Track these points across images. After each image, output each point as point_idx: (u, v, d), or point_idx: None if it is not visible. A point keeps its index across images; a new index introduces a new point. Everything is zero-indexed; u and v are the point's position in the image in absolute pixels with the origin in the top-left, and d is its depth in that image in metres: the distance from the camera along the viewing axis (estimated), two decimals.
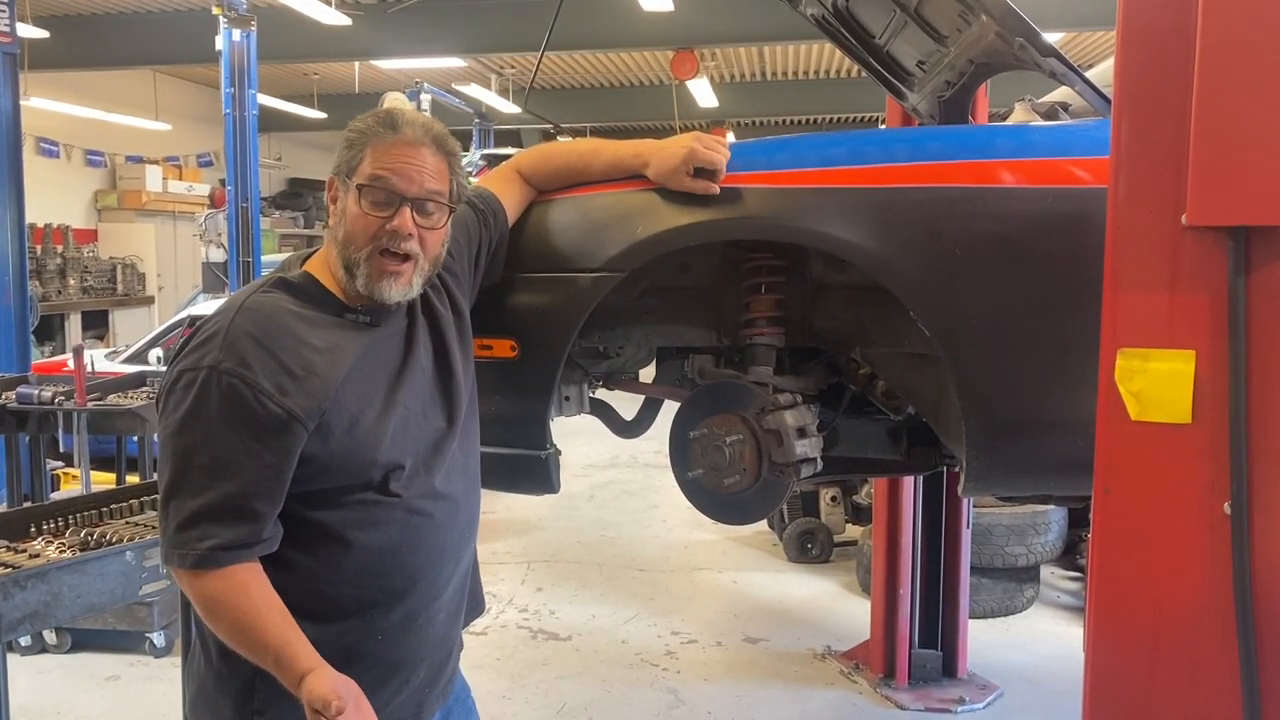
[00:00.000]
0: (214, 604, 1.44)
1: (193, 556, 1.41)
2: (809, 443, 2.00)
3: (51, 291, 10.96)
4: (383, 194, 1.52)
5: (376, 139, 1.53)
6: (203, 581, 1.43)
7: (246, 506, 1.42)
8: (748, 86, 15.78)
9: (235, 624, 1.43)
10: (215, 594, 1.43)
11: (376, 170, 1.52)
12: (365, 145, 1.54)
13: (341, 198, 1.56)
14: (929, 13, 2.42)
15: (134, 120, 12.95)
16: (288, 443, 1.44)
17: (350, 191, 1.54)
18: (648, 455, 7.58)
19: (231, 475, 1.42)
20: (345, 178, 1.55)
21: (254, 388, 1.41)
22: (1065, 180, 1.81)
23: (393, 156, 1.52)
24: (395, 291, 1.54)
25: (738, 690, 3.89)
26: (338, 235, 1.55)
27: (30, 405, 4.22)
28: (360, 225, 1.52)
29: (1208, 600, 1.35)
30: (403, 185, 1.52)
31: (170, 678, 3.86)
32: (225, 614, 1.44)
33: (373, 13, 10.31)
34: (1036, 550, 4.52)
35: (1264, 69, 1.27)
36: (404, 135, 1.54)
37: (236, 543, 1.42)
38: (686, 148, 1.85)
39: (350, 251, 1.53)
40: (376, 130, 1.54)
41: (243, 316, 1.47)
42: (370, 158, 1.53)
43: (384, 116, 1.56)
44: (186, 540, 1.42)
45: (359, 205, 1.52)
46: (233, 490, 1.42)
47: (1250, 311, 1.31)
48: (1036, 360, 1.81)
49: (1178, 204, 1.33)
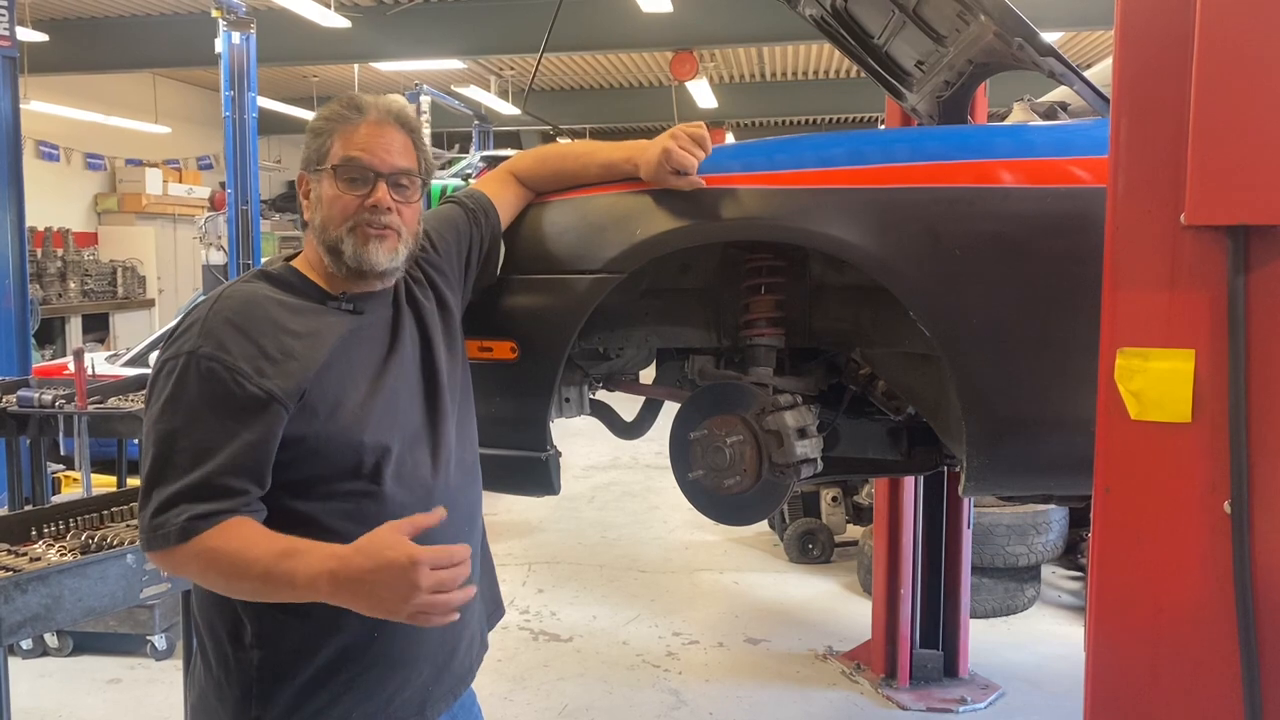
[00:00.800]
0: (205, 565, 1.39)
1: (174, 532, 1.38)
2: (809, 443, 2.00)
3: (52, 295, 10.97)
4: (357, 172, 1.56)
5: (343, 123, 1.58)
6: (184, 553, 1.39)
7: (225, 484, 1.41)
8: (747, 87, 15.79)
9: (231, 568, 1.38)
10: (202, 555, 1.39)
11: (349, 152, 1.56)
12: (333, 133, 1.58)
13: (315, 187, 1.59)
14: (927, 13, 2.43)
15: (134, 123, 12.96)
16: (267, 422, 1.43)
17: (324, 176, 1.57)
18: (649, 456, 7.58)
19: (212, 457, 1.41)
20: (315, 167, 1.59)
21: (232, 370, 1.42)
22: (1064, 180, 1.81)
23: (362, 136, 1.57)
24: (383, 255, 1.57)
25: (739, 691, 3.89)
26: (315, 223, 1.59)
27: (31, 408, 4.22)
28: (338, 206, 1.56)
29: (1209, 599, 1.35)
30: (376, 162, 1.57)
31: (171, 681, 3.86)
32: (217, 567, 1.39)
33: (372, 15, 10.33)
34: (1037, 550, 4.52)
35: (1262, 68, 1.27)
36: (369, 116, 1.59)
37: (214, 512, 1.39)
38: (663, 148, 1.86)
39: (331, 232, 1.56)
40: (342, 115, 1.58)
41: (222, 304, 1.49)
42: (339, 142, 1.57)
43: (346, 102, 1.60)
44: (165, 521, 1.39)
45: (335, 187, 1.56)
46: (212, 469, 1.40)
47: (1249, 310, 1.31)
48: (1036, 360, 1.80)
49: (1177, 203, 1.33)
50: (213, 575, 1.42)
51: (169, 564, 1.44)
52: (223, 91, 7.93)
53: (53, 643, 4.10)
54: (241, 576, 1.39)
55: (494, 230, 1.91)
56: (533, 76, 3.97)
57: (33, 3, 9.72)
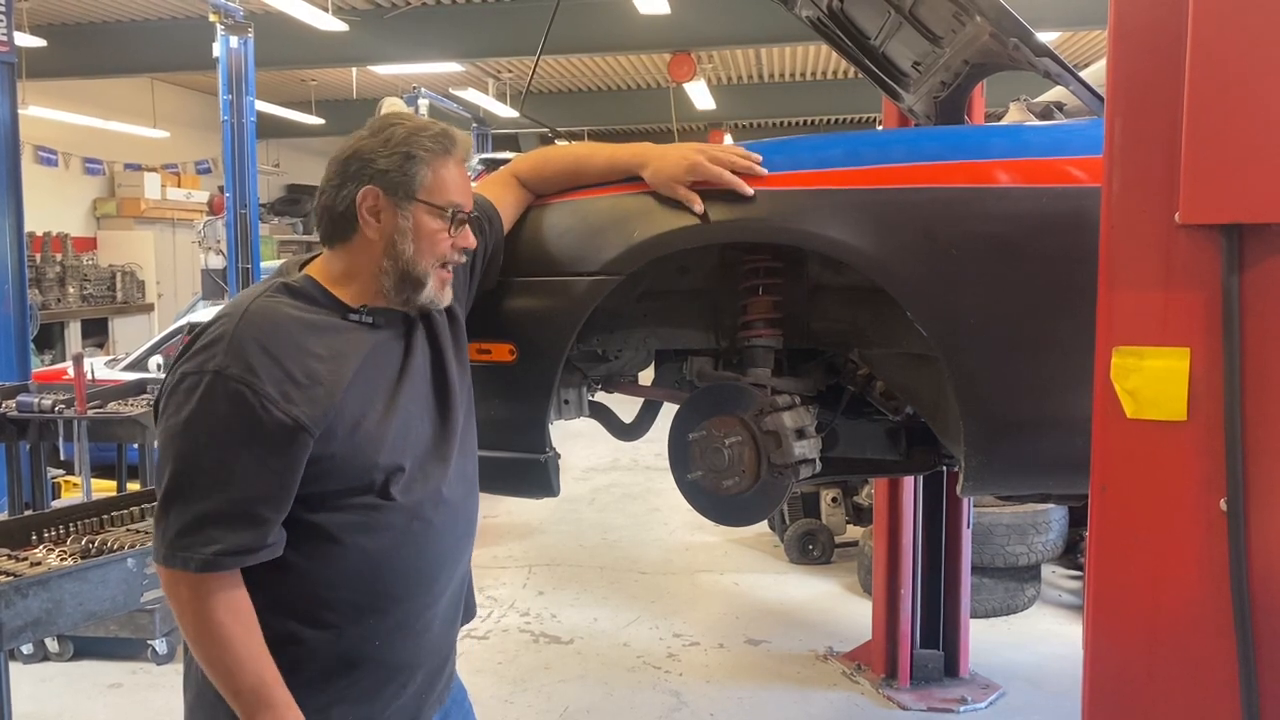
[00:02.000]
0: (206, 611, 1.43)
1: (198, 560, 1.41)
2: (808, 444, 2.00)
3: (51, 300, 10.96)
4: (461, 215, 1.61)
5: (438, 155, 1.58)
6: (202, 585, 1.42)
7: (253, 512, 1.43)
8: (745, 88, 15.80)
9: (218, 638, 1.43)
10: (211, 601, 1.42)
11: (451, 195, 1.59)
12: (427, 163, 1.57)
13: (399, 213, 1.57)
14: (924, 14, 2.43)
15: (132, 128, 12.97)
16: (294, 451, 1.44)
17: (420, 209, 1.57)
18: (648, 458, 7.58)
19: (238, 481, 1.42)
20: (405, 194, 1.56)
21: (260, 395, 1.41)
22: (1060, 180, 1.81)
23: (455, 176, 1.61)
24: (448, 295, 1.64)
25: (740, 692, 3.89)
26: (404, 252, 1.57)
27: (30, 413, 4.23)
28: (435, 242, 1.59)
29: (1205, 596, 1.35)
30: (469, 206, 1.64)
31: (172, 685, 3.86)
32: (212, 626, 1.43)
33: (369, 19, 10.33)
34: (1037, 549, 4.53)
35: (1256, 66, 1.28)
36: (457, 155, 1.62)
37: (242, 548, 1.42)
38: (690, 161, 1.85)
39: (420, 265, 1.58)
40: (438, 146, 1.58)
41: (248, 322, 1.47)
42: (434, 175, 1.57)
43: (440, 133, 1.60)
44: (191, 544, 1.41)
45: (439, 223, 1.58)
46: (238, 496, 1.42)
47: (1244, 308, 1.31)
48: (1033, 359, 1.81)
49: (1171, 202, 1.34)
50: (195, 629, 1.45)
51: (171, 581, 1.45)
52: (221, 96, 7.94)
53: (54, 648, 4.10)
54: (212, 659, 1.45)
55: (498, 237, 1.92)
56: (530, 79, 3.97)
57: (30, 8, 9.73)
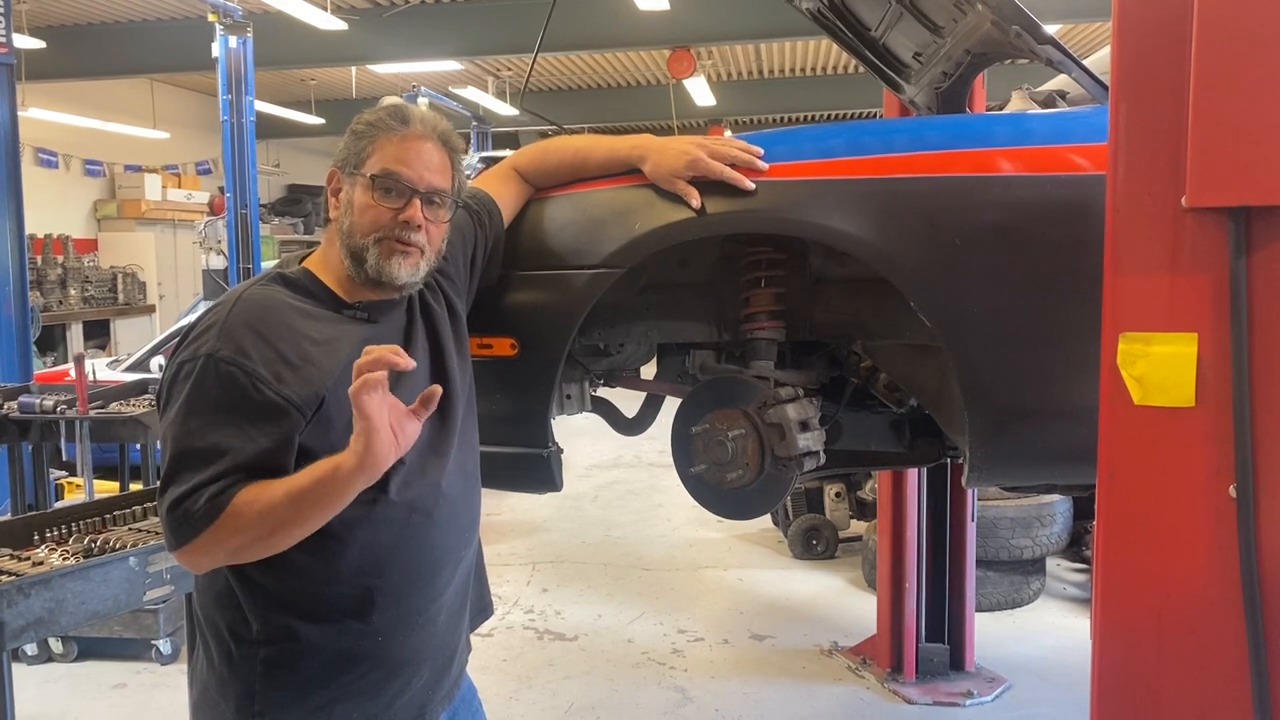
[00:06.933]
0: (237, 529, 1.37)
1: (198, 516, 1.36)
2: (811, 436, 1.99)
3: (53, 302, 10.97)
4: (394, 185, 1.55)
5: (387, 132, 1.57)
6: (217, 531, 1.36)
7: (240, 476, 1.39)
8: (745, 85, 15.77)
9: (268, 512, 1.36)
10: (232, 523, 1.36)
11: (388, 163, 1.55)
12: (375, 138, 1.57)
13: (346, 189, 1.58)
14: (924, 3, 2.42)
15: (132, 129, 12.96)
16: (284, 429, 1.42)
17: (358, 182, 1.56)
18: (651, 455, 7.58)
19: (228, 459, 1.39)
20: (352, 169, 1.57)
21: (251, 375, 1.41)
22: (1063, 167, 1.80)
23: (403, 150, 1.56)
24: (404, 270, 1.56)
25: (745, 687, 3.89)
26: (343, 226, 1.57)
27: (33, 415, 4.23)
28: (370, 216, 1.55)
29: (1214, 583, 1.34)
30: (414, 178, 1.56)
31: (177, 685, 3.85)
32: (253, 524, 1.36)
33: (368, 17, 10.31)
34: (1042, 542, 4.52)
35: (1261, 48, 1.27)
36: (414, 130, 1.58)
37: (231, 485, 1.37)
38: (690, 156, 1.84)
39: (357, 239, 1.55)
40: (387, 124, 1.57)
41: (240, 307, 1.48)
42: (380, 150, 1.56)
43: (394, 111, 1.59)
44: (185, 510, 1.37)
45: (370, 196, 1.55)
46: (227, 467, 1.39)
47: (1252, 292, 1.30)
48: (1038, 349, 1.80)
49: (1177, 186, 1.33)
50: (250, 535, 1.38)
51: (201, 552, 1.40)
52: (220, 96, 7.94)
53: (58, 648, 4.10)
54: (280, 517, 1.36)
55: (497, 231, 1.91)
56: (528, 76, 3.97)
57: (29, 10, 9.72)
